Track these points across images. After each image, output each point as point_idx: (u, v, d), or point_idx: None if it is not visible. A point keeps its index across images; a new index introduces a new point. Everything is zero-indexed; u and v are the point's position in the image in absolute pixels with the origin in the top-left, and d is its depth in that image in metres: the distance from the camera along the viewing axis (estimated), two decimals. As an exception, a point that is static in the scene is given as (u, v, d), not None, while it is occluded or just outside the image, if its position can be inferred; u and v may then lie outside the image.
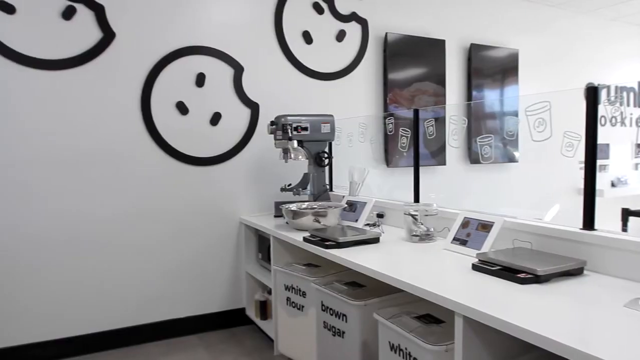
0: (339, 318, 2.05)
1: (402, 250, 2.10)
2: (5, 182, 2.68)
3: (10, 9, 2.65)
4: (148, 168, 3.02)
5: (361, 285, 2.14)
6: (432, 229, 2.25)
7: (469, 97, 4.19)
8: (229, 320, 3.29)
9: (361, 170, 2.98)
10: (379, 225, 2.62)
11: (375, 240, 2.24)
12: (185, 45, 3.07)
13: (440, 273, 1.71)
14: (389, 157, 3.77)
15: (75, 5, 2.79)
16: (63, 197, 2.82)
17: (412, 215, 2.24)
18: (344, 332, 2.04)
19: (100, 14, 2.84)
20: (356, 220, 2.65)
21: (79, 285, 2.88)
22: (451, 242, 2.06)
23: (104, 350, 2.95)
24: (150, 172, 3.03)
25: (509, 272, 1.58)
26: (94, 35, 2.84)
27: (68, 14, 2.77)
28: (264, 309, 3.11)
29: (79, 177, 2.85)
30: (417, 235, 2.24)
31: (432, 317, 1.73)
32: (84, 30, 2.82)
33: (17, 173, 2.71)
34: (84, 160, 2.86)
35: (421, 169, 2.61)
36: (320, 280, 2.24)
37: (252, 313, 3.24)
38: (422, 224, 2.24)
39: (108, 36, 2.87)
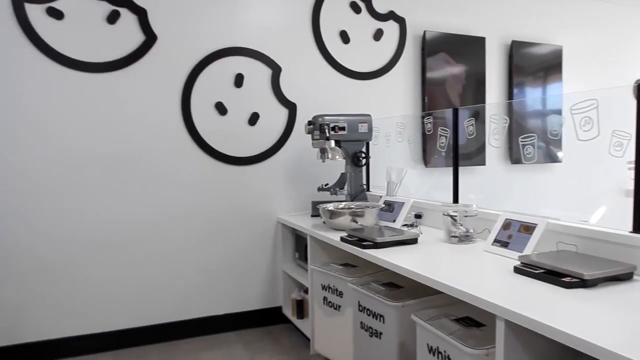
0: (376, 319, 2.04)
1: (441, 252, 2.07)
2: (54, 182, 2.80)
3: (59, 15, 2.76)
4: (188, 168, 3.08)
5: (398, 286, 2.12)
6: (471, 230, 2.21)
7: (510, 95, 4.09)
8: (266, 318, 3.33)
9: (399, 170, 2.96)
10: (416, 226, 2.59)
11: (413, 241, 2.22)
12: (224, 46, 3.11)
13: (481, 275, 1.67)
14: (427, 157, 3.73)
15: (119, 9, 2.87)
16: (108, 196, 2.91)
17: (451, 216, 2.21)
18: (381, 333, 2.02)
19: (142, 17, 2.92)
20: (394, 221, 2.63)
21: (123, 281, 2.98)
22: (492, 244, 2.02)
23: (147, 345, 3.03)
24: (190, 171, 3.09)
25: (553, 276, 1.53)
26: (137, 38, 2.93)
27: (112, 18, 2.86)
28: (301, 308, 3.12)
29: (123, 177, 2.94)
30: (456, 237, 2.20)
31: (472, 320, 1.70)
32: (127, 34, 2.90)
33: (66, 173, 2.82)
34: (128, 160, 2.95)
35: (460, 169, 2.56)
36: (357, 280, 2.24)
37: (288, 312, 3.26)
38: (461, 225, 2.20)
39: (150, 39, 2.95)
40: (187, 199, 3.10)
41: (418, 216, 2.70)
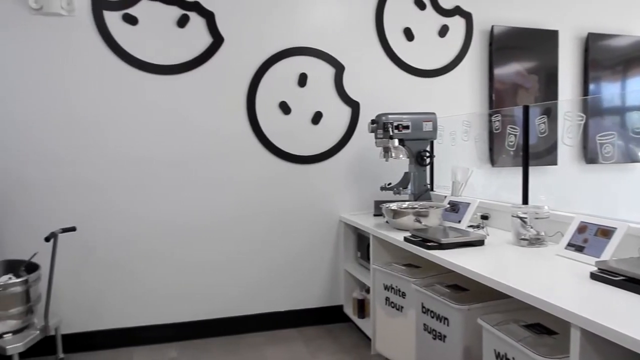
0: (440, 321, 2.00)
1: (510, 255, 1.99)
2: (129, 181, 2.96)
3: (133, 21, 2.90)
4: (253, 167, 3.16)
5: (464, 288, 2.06)
6: (542, 233, 2.11)
7: (585, 91, 3.87)
8: (327, 316, 3.34)
9: (465, 169, 2.88)
10: (483, 227, 2.51)
11: (479, 242, 2.15)
12: (288, 46, 3.16)
13: (554, 280, 1.60)
14: (494, 156, 3.60)
15: (189, 13, 2.98)
16: (177, 195, 3.04)
17: (521, 218, 2.12)
18: (445, 336, 1.98)
19: (210, 20, 3.02)
20: (459, 222, 2.56)
21: (191, 276, 3.10)
22: (565, 248, 1.92)
23: (212, 337, 3.14)
24: (255, 170, 3.16)
25: (635, 284, 1.43)
26: (205, 40, 3.02)
27: (182, 22, 2.98)
28: (362, 307, 3.12)
29: (191, 176, 3.06)
30: (526, 239, 2.11)
31: (543, 327, 1.63)
32: (196, 37, 3.01)
33: (139, 172, 2.97)
34: (196, 158, 3.06)
35: (530, 169, 2.46)
36: (420, 281, 2.20)
37: (349, 311, 3.26)
38: (531, 227, 2.11)
39: (217, 41, 3.04)
40: (251, 198, 3.17)
41: (484, 217, 2.62)
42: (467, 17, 3.52)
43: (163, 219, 3.03)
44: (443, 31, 3.47)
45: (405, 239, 2.29)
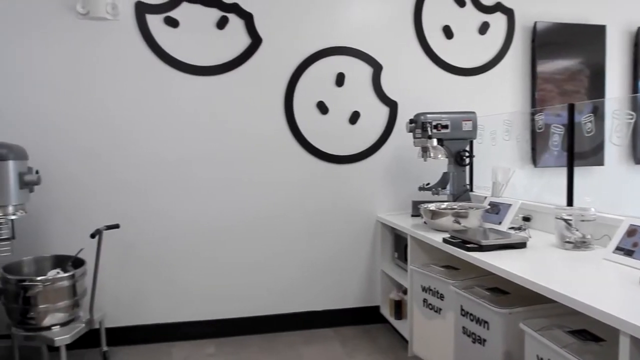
0: (480, 325, 1.95)
1: (553, 258, 1.93)
2: (168, 179, 3.03)
3: (174, 23, 2.97)
4: (291, 166, 3.17)
5: (504, 291, 2.01)
6: (588, 236, 2.03)
7: (635, 88, 3.71)
8: (363, 316, 3.33)
9: (506, 170, 2.81)
10: (525, 229, 2.45)
11: (521, 245, 2.10)
12: (325, 46, 3.16)
13: (601, 286, 1.54)
14: (536, 156, 3.49)
15: (228, 15, 3.03)
16: (215, 193, 3.09)
17: (566, 220, 2.05)
18: (485, 340, 1.94)
19: (249, 21, 3.05)
20: (500, 223, 2.50)
21: (229, 274, 3.14)
22: (613, 252, 1.84)
23: (250, 335, 3.17)
24: (293, 170, 3.18)
25: (689, 290, 1.36)
26: (244, 41, 3.06)
27: (222, 23, 3.02)
28: (399, 308, 3.09)
29: (229, 175, 3.10)
30: (570, 242, 2.04)
31: (589, 333, 1.57)
32: (235, 38, 3.05)
33: (179, 171, 3.04)
34: (234, 159, 3.10)
35: (575, 170, 2.38)
36: (460, 283, 2.16)
37: (386, 312, 3.23)
38: (576, 230, 2.04)
39: (256, 42, 3.07)
40: (289, 198, 3.19)
41: (526, 219, 2.55)
42: (509, 13, 3.43)
43: (201, 218, 3.08)
44: (483, 28, 3.39)
45: (444, 240, 2.26)
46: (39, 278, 2.46)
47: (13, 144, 2.39)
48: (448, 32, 3.34)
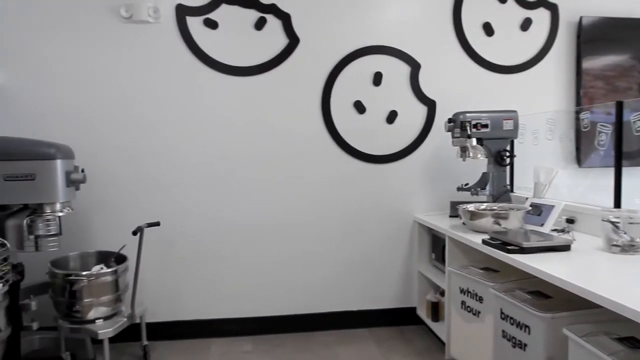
0: (521, 329, 1.90)
1: (599, 262, 1.86)
2: (207, 179, 3.08)
3: (213, 25, 3.02)
4: (327, 166, 3.18)
5: (547, 295, 1.95)
6: (637, 240, 1.95)
7: (688, 85, 3.53)
8: (399, 317, 3.30)
9: (548, 170, 2.72)
10: (568, 232, 2.37)
11: (565, 247, 2.03)
12: (362, 45, 3.14)
13: (651, 291, 1.47)
14: (581, 156, 3.37)
15: (266, 16, 3.05)
16: (252, 192, 3.12)
17: (613, 223, 1.97)
18: (525, 345, 1.89)
19: (286, 22, 3.07)
20: (542, 225, 2.43)
21: (265, 273, 3.18)
22: (664, 256, 1.76)
23: (285, 333, 3.19)
24: (330, 169, 3.18)
25: None
26: (281, 42, 3.08)
27: (260, 24, 3.05)
28: (436, 310, 3.04)
29: (266, 174, 3.13)
30: (617, 246, 1.96)
31: (638, 341, 1.50)
32: (272, 38, 3.07)
33: (217, 170, 3.09)
34: (271, 158, 3.13)
35: (623, 170, 2.28)
36: (499, 286, 2.11)
37: (423, 313, 3.19)
38: (624, 233, 1.96)
39: (293, 42, 3.08)
40: (325, 197, 3.19)
41: (570, 221, 2.47)
42: (553, 8, 3.33)
43: (239, 217, 3.12)
44: (526, 25, 3.30)
45: (484, 242, 2.21)
46: (84, 273, 2.55)
47: (61, 144, 2.49)
48: (488, 29, 3.27)
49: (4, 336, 1.78)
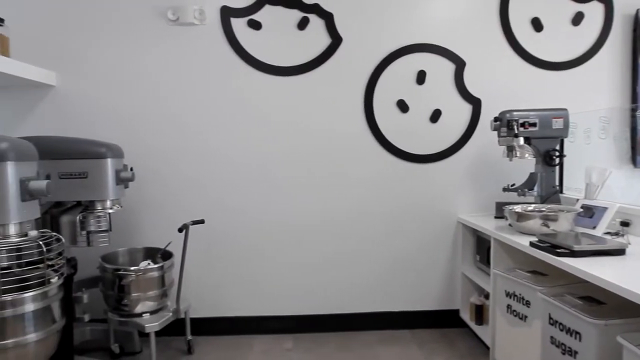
0: (571, 335, 1.83)
1: (657, 267, 1.77)
2: (249, 177, 3.12)
3: (257, 26, 3.05)
4: (369, 165, 3.16)
5: (599, 301, 1.87)
6: (699, 244, 1.84)
7: None
8: (442, 320, 3.24)
9: (601, 170, 2.61)
10: (623, 235, 2.26)
11: (619, 251, 1.94)
12: (406, 44, 3.11)
13: None
14: (637, 156, 3.22)
15: (309, 15, 3.06)
16: (294, 192, 3.14)
17: (672, 226, 1.87)
18: (576, 352, 1.81)
19: (329, 21, 3.07)
20: (594, 227, 2.33)
21: (306, 271, 3.19)
22: None
23: (326, 332, 3.20)
24: (372, 169, 3.16)
25: None
26: (324, 41, 3.09)
27: (302, 24, 3.06)
28: (480, 313, 2.97)
29: (308, 174, 3.14)
30: (677, 251, 1.86)
31: (700, 352, 1.42)
32: (315, 38, 3.08)
33: (258, 170, 3.12)
34: (313, 158, 3.14)
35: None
36: (548, 290, 2.04)
37: (466, 316, 3.13)
38: (685, 237, 1.85)
39: (336, 41, 3.08)
40: (367, 197, 3.17)
41: (625, 224, 2.36)
42: (607, 1, 3.18)
43: (280, 216, 3.15)
44: (577, 19, 3.17)
45: (531, 244, 2.14)
46: (132, 268, 2.64)
47: (111, 143, 2.58)
48: (537, 25, 3.16)
49: (59, 327, 1.86)
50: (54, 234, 1.85)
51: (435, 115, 3.16)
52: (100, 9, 3.00)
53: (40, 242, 1.73)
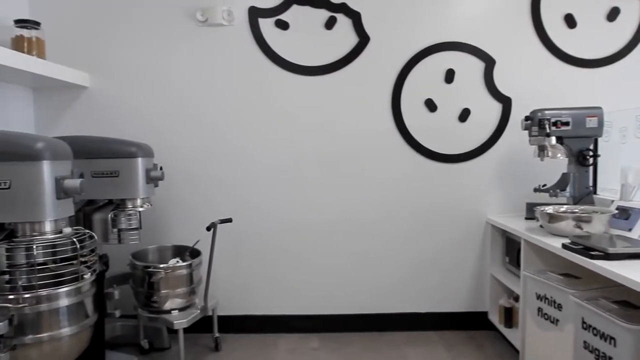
0: (606, 341, 1.78)
1: (698, 271, 1.70)
2: (277, 177, 3.14)
3: (285, 26, 3.06)
4: (397, 165, 3.14)
5: (635, 306, 1.82)
6: None
7: None
8: (469, 322, 3.20)
9: (638, 171, 2.53)
10: (660, 238, 2.19)
11: (657, 255, 1.88)
12: (434, 42, 3.07)
13: None
14: (675, 156, 3.11)
15: (336, 15, 3.06)
16: (320, 191, 3.15)
17: None
18: (610, 358, 1.76)
19: (357, 20, 3.06)
20: (630, 230, 2.26)
21: (333, 271, 3.19)
22: None
23: (352, 332, 3.19)
24: (399, 168, 3.14)
25: None
26: (351, 41, 3.08)
27: (330, 24, 3.06)
28: (509, 316, 2.92)
29: (335, 173, 3.14)
30: None
31: None
32: (342, 37, 3.07)
33: (287, 170, 3.14)
34: (340, 157, 3.13)
35: None
36: (581, 293, 1.99)
37: (495, 318, 3.08)
38: None
39: (363, 40, 3.07)
40: (394, 196, 3.15)
41: (663, 226, 2.28)
42: (644, -3, 3.09)
43: (307, 215, 3.16)
44: (612, 14, 3.08)
45: (564, 246, 2.09)
46: (161, 265, 2.68)
47: (142, 143, 2.62)
48: (570, 21, 3.08)
49: (91, 321, 1.91)
50: (87, 231, 1.90)
51: (464, 115, 3.11)
52: (131, 11, 3.06)
53: (74, 239, 1.78)
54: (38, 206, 1.68)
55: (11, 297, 1.68)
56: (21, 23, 2.71)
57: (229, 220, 2.85)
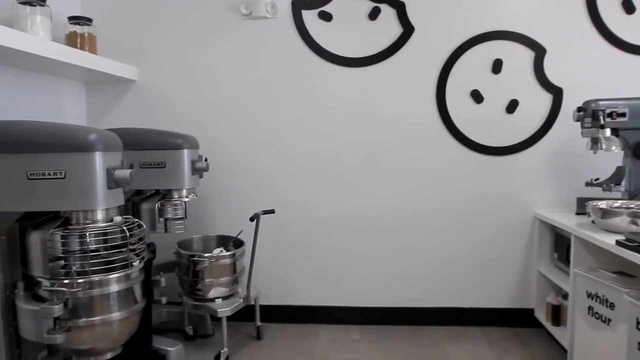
0: (662, 343, 1.70)
1: None
2: (318, 169, 3.14)
3: (328, 17, 3.04)
4: (441, 157, 3.08)
5: (696, 308, 1.72)
6: None
7: None
8: (514, 319, 3.12)
9: (700, 165, 2.39)
10: None
11: None
12: (481, 32, 2.99)
13: None
14: None
15: (380, 5, 3.02)
16: (363, 183, 3.13)
17: None
18: (667, 361, 1.68)
19: (401, 10, 3.01)
20: (690, 227, 2.14)
21: (373, 263, 3.18)
22: None
23: (393, 325, 3.18)
24: (443, 161, 3.08)
25: None
26: (395, 31, 3.03)
27: (374, 14, 3.02)
28: (557, 314, 2.83)
29: (377, 165, 3.11)
30: None
31: None
32: (386, 28, 3.03)
33: (330, 161, 3.14)
34: (383, 149, 3.10)
35: None
36: (636, 293, 1.90)
37: (541, 316, 2.99)
38: None
39: (408, 31, 3.02)
40: (438, 189, 3.10)
41: None
42: None
43: (348, 208, 3.15)
44: (675, -1, 2.91)
45: (618, 243, 2.00)
46: (206, 255, 2.74)
47: (187, 135, 2.68)
48: (628, 6, 2.92)
49: (140, 307, 1.98)
50: (136, 220, 1.95)
51: (512, 106, 3.02)
52: (177, 7, 3.12)
53: (124, 228, 1.84)
54: (91, 195, 1.74)
55: (66, 281, 1.76)
56: (74, 20, 2.82)
57: (272, 212, 2.88)
